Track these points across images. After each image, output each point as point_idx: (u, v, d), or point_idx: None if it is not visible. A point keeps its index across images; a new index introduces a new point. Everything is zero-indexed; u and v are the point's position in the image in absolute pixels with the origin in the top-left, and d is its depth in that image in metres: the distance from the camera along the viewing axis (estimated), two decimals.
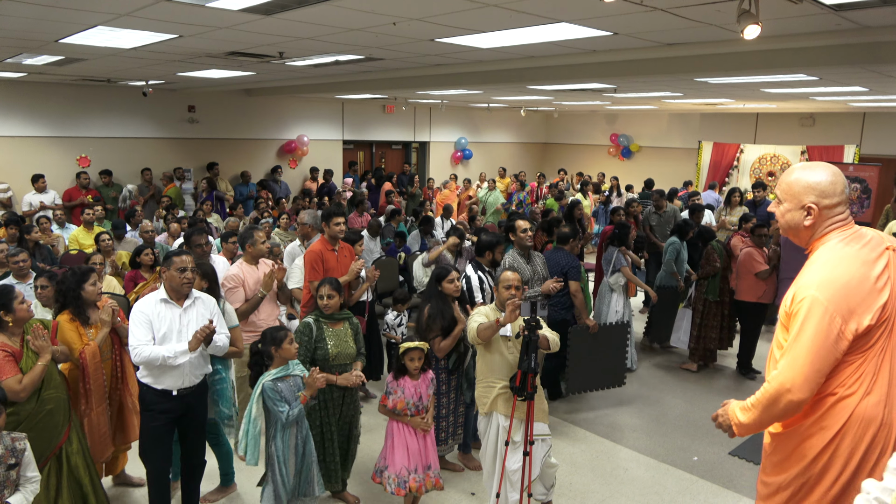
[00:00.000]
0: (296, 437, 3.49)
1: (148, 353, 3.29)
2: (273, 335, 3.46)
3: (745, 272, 6.12)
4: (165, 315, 3.42)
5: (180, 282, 3.44)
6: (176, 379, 3.43)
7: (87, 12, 4.51)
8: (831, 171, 2.09)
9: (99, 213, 8.06)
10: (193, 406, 3.57)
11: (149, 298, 3.46)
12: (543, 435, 3.63)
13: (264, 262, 4.72)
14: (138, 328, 3.34)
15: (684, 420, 5.47)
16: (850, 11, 3.95)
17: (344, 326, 3.91)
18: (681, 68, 5.85)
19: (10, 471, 2.67)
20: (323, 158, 13.36)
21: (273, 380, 3.41)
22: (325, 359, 3.77)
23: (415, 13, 4.40)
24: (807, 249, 2.19)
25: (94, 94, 10.60)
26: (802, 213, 2.10)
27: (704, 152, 14.30)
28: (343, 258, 5.07)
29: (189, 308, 3.51)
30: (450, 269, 4.19)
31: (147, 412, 3.48)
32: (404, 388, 3.71)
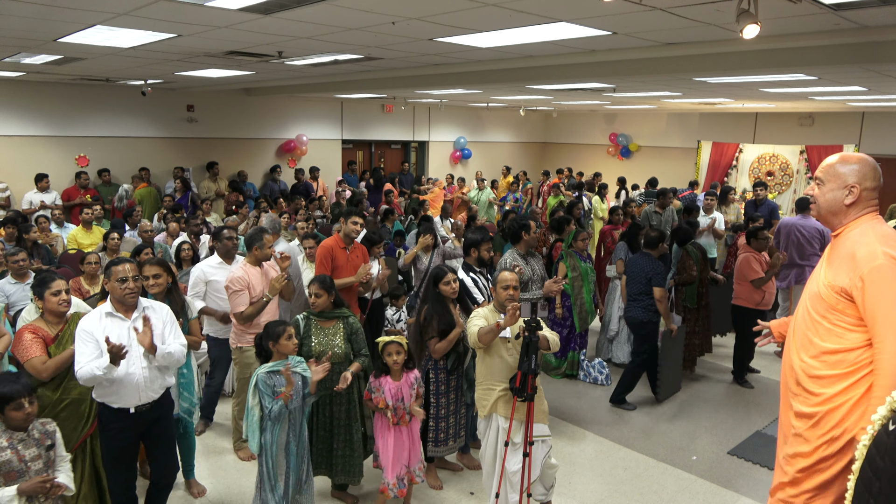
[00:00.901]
0: (287, 434, 3.44)
1: (85, 371, 3.04)
2: (271, 330, 3.46)
3: (742, 278, 6.00)
4: (113, 330, 3.17)
5: (122, 293, 3.20)
6: (131, 396, 3.21)
7: (86, 11, 4.50)
8: (870, 160, 2.29)
9: (98, 213, 8.06)
10: (156, 421, 3.37)
11: (94, 314, 3.24)
12: (543, 436, 3.62)
13: (271, 266, 4.70)
14: (82, 347, 3.10)
15: (683, 420, 5.47)
16: (849, 11, 3.95)
17: (335, 326, 3.87)
18: (680, 68, 5.84)
19: (50, 451, 2.82)
20: (322, 158, 13.35)
21: (268, 372, 3.40)
22: (309, 355, 3.75)
23: (414, 12, 4.40)
24: (836, 232, 2.31)
25: (92, 94, 10.59)
26: (844, 192, 2.25)
27: (703, 152, 14.31)
28: (354, 258, 5.08)
29: (138, 319, 3.29)
30: (446, 271, 4.17)
31: (105, 432, 3.28)
32: (385, 388, 3.68)
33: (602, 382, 6.16)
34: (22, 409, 2.69)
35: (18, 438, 2.72)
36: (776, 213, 8.75)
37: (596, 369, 6.22)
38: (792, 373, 2.34)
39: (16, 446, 2.71)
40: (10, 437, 2.71)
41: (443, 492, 4.25)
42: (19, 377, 2.80)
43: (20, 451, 2.71)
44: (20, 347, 3.25)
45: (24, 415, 2.70)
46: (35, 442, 2.77)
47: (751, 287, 5.95)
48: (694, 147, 14.54)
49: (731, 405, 5.79)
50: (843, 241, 2.27)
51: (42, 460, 2.77)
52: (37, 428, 2.80)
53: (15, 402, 2.67)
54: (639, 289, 5.55)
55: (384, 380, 3.73)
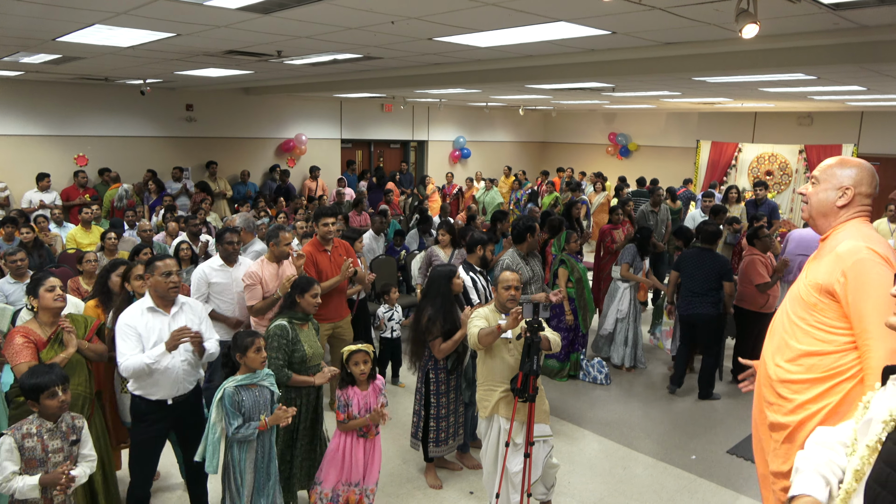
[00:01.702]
0: (256, 451, 3.25)
1: (131, 363, 3.19)
2: (239, 341, 3.24)
3: (746, 280, 5.92)
4: (153, 325, 3.30)
5: (166, 287, 3.32)
6: (170, 388, 3.35)
7: (85, 11, 4.50)
8: (870, 166, 2.26)
9: (97, 213, 8.05)
10: (189, 412, 3.50)
11: (134, 309, 3.35)
12: (545, 436, 3.62)
13: (289, 264, 4.70)
14: (124, 341, 3.23)
15: (682, 419, 5.47)
16: (848, 11, 3.95)
17: (309, 328, 3.84)
18: (679, 67, 5.85)
19: (73, 446, 2.86)
20: (321, 157, 13.35)
21: (236, 387, 3.18)
22: (303, 360, 3.67)
23: (413, 12, 4.39)
24: (824, 236, 2.27)
25: (91, 93, 10.58)
26: (838, 193, 2.22)
27: (703, 151, 14.32)
28: (337, 257, 5.04)
29: (177, 315, 3.41)
30: (455, 268, 4.19)
31: (140, 423, 3.38)
32: (351, 401, 3.55)
33: (601, 382, 6.16)
34: (56, 398, 2.75)
35: (46, 428, 2.78)
36: (776, 212, 8.75)
37: (595, 368, 6.22)
38: (767, 380, 2.26)
39: (42, 435, 2.76)
40: (41, 425, 2.77)
41: (442, 491, 4.25)
42: (52, 367, 2.86)
43: (45, 441, 2.76)
44: (10, 351, 3.23)
45: (58, 402, 2.76)
46: (61, 435, 2.82)
47: (755, 289, 5.86)
48: (693, 146, 14.55)
49: (731, 404, 5.79)
50: (828, 243, 2.22)
51: (63, 453, 2.82)
52: (65, 421, 2.85)
53: (49, 391, 2.73)
54: (709, 285, 5.67)
55: (352, 391, 3.58)
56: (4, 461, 2.66)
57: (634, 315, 6.46)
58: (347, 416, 3.55)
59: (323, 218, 4.96)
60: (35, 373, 2.78)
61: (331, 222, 4.98)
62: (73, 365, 3.32)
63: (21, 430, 2.74)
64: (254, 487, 3.27)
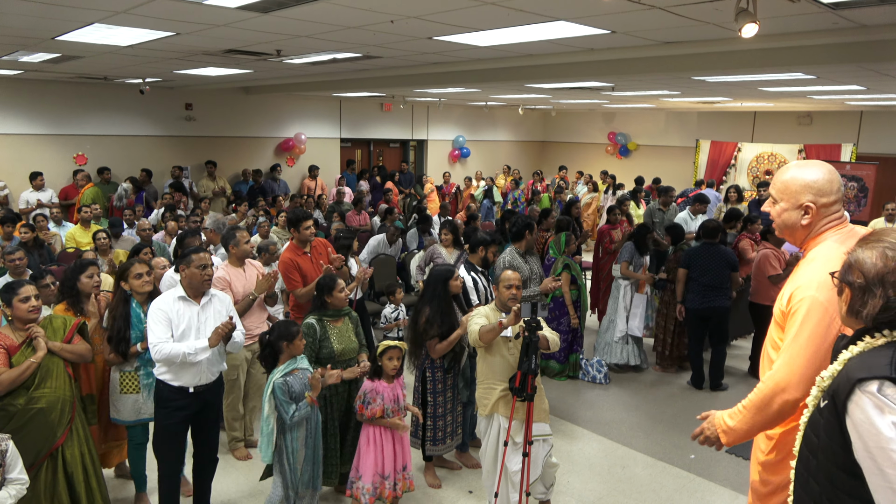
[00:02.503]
0: (305, 429, 3.47)
1: (168, 350, 3.31)
2: (285, 330, 3.45)
3: (760, 274, 5.95)
4: (184, 313, 3.45)
5: (201, 279, 3.47)
6: (194, 376, 3.45)
7: (84, 10, 4.50)
8: (827, 168, 2.08)
9: (96, 212, 8.04)
10: (209, 402, 3.58)
11: (167, 296, 3.50)
12: (544, 435, 3.62)
13: (251, 264, 4.65)
14: (157, 325, 3.36)
15: (681, 418, 5.47)
16: (847, 10, 3.95)
17: (345, 322, 3.93)
18: (678, 67, 5.85)
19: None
20: (321, 156, 13.35)
21: (283, 376, 3.39)
22: (331, 357, 3.78)
23: (412, 11, 4.39)
24: (801, 248, 2.18)
25: (90, 92, 10.57)
26: (800, 212, 2.08)
27: (702, 151, 14.32)
28: (317, 256, 5.01)
29: (206, 305, 3.54)
30: (453, 270, 4.18)
31: (163, 409, 3.47)
32: (383, 394, 3.63)
33: (601, 381, 6.16)
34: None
35: None
36: None
37: (595, 368, 6.22)
38: None
39: None
40: None
41: (441, 490, 4.25)
42: None
43: None
44: None
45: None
46: None
47: (769, 284, 5.89)
48: (692, 146, 14.55)
49: (730, 403, 5.77)
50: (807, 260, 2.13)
51: None
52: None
53: None
54: (723, 277, 5.82)
55: (378, 384, 3.66)
56: None
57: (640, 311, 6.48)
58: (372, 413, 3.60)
59: (304, 222, 4.91)
60: None
61: (310, 225, 4.95)
62: (48, 369, 3.22)
63: None
64: (304, 461, 3.47)
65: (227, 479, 4.34)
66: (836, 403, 1.48)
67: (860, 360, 1.49)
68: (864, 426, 1.41)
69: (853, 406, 1.43)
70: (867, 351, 1.51)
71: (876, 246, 1.52)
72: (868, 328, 1.54)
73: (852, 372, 1.47)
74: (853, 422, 1.43)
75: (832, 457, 1.51)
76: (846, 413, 1.44)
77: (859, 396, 1.43)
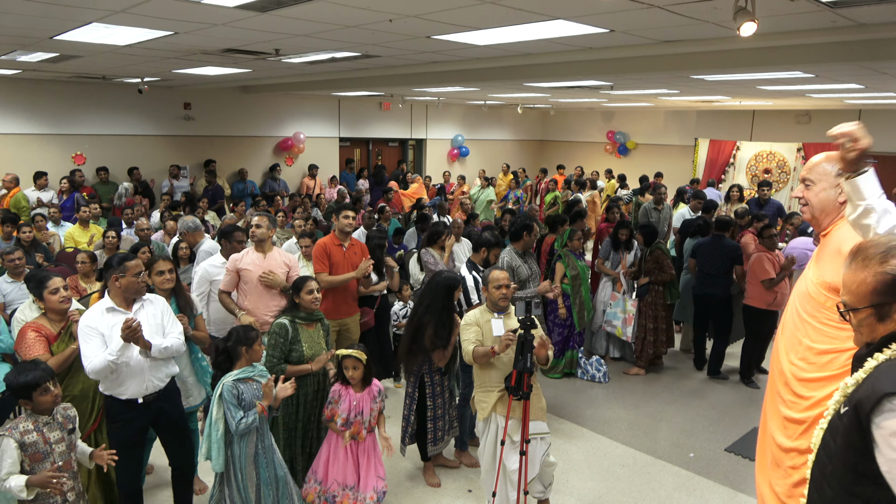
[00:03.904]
0: (256, 445, 3.26)
1: (96, 363, 3.13)
2: (244, 335, 3.31)
3: (754, 277, 5.93)
4: (116, 324, 3.21)
5: (137, 287, 3.32)
6: (138, 385, 3.29)
7: (82, 9, 4.49)
8: None
9: (95, 211, 8.04)
10: (165, 410, 3.43)
11: (94, 311, 3.29)
12: (542, 433, 3.62)
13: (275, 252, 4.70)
14: (88, 343, 3.18)
15: (680, 417, 5.48)
16: (846, 9, 3.95)
17: (317, 328, 3.86)
18: (677, 65, 5.85)
19: (72, 434, 2.94)
20: (319, 156, 13.34)
21: (234, 381, 3.23)
22: (301, 361, 3.71)
23: (411, 10, 4.39)
24: (825, 231, 2.27)
25: (89, 92, 10.55)
26: (837, 189, 2.22)
27: (701, 149, 14.32)
28: (352, 255, 5.06)
29: (139, 311, 3.36)
30: (459, 280, 4.16)
31: (114, 424, 3.34)
32: (345, 399, 3.56)
33: (600, 380, 6.17)
34: (49, 393, 2.80)
35: (44, 422, 2.82)
36: (783, 211, 8.60)
37: (594, 366, 6.23)
38: (781, 377, 2.26)
39: (41, 429, 2.81)
40: (36, 420, 2.81)
41: (441, 489, 4.26)
42: (38, 364, 2.89)
43: (45, 434, 2.81)
44: (23, 346, 3.34)
45: (51, 397, 2.81)
46: (59, 425, 2.87)
47: (763, 287, 5.87)
48: (691, 144, 14.55)
49: (729, 402, 5.80)
50: (831, 238, 2.22)
51: (65, 443, 2.87)
52: (59, 412, 2.90)
53: (42, 387, 2.78)
54: (722, 267, 6.14)
55: (345, 390, 3.59)
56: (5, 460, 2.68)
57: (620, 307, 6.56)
58: (332, 413, 3.57)
59: (344, 211, 5.08)
60: (21, 371, 2.80)
61: (351, 215, 5.07)
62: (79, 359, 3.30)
63: (18, 428, 2.76)
64: (258, 481, 3.26)
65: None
66: (858, 413, 1.47)
67: (886, 374, 1.48)
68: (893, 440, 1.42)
69: (881, 419, 1.43)
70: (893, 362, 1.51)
71: None
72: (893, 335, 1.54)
73: (879, 384, 1.46)
74: (881, 434, 1.43)
75: (849, 463, 1.51)
76: (871, 424, 1.44)
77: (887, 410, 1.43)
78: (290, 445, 3.78)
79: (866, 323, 1.60)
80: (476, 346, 3.54)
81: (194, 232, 5.98)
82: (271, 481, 3.31)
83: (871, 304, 1.56)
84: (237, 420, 3.13)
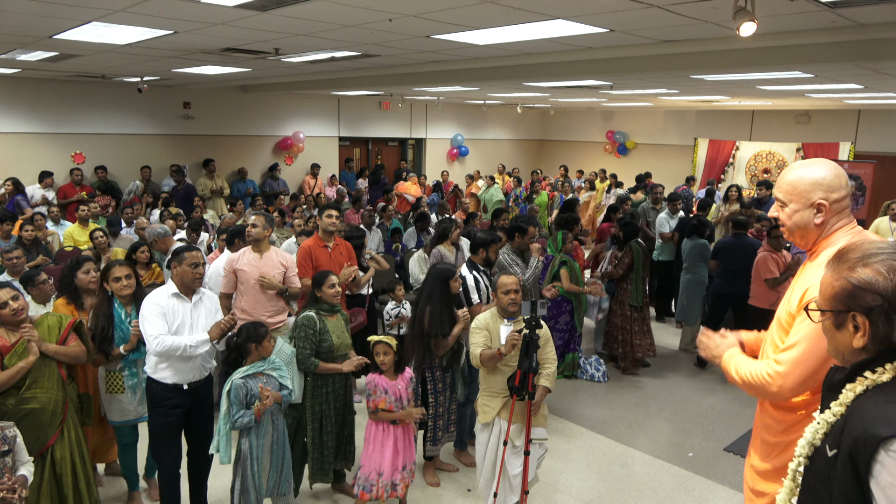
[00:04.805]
0: (271, 436, 3.45)
1: (170, 342, 3.33)
2: (254, 332, 3.42)
3: (758, 277, 5.94)
4: (178, 309, 3.50)
5: (193, 277, 3.52)
6: (187, 373, 3.48)
7: (82, 8, 4.49)
8: (831, 164, 2.03)
9: (94, 210, 8.03)
10: (202, 399, 3.62)
11: (160, 292, 3.53)
12: (541, 439, 3.63)
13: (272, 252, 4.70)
14: (155, 318, 3.39)
15: (679, 416, 5.49)
16: (845, 9, 3.96)
17: (338, 319, 3.97)
18: (677, 65, 5.85)
19: (5, 457, 2.74)
20: (319, 155, 13.34)
21: (243, 377, 3.35)
22: (330, 350, 3.82)
23: (411, 10, 4.39)
24: (810, 251, 2.09)
25: (88, 91, 10.54)
26: (812, 211, 2.00)
27: (700, 149, 14.32)
28: (337, 255, 5.04)
29: (198, 302, 3.59)
30: (454, 270, 4.17)
31: (158, 409, 3.48)
32: (385, 389, 3.65)
33: (599, 380, 6.17)
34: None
35: None
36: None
37: (593, 366, 6.23)
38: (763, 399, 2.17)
39: None
40: None
41: (440, 489, 4.26)
42: None
43: None
44: None
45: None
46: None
47: (767, 287, 5.86)
48: (691, 144, 14.55)
49: (727, 402, 5.80)
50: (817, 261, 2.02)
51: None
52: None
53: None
54: (748, 263, 6.11)
55: (379, 379, 3.68)
56: None
57: None
58: (374, 405, 3.64)
59: (327, 210, 5.12)
60: None
61: (335, 215, 5.09)
62: (40, 370, 3.18)
63: None
64: (269, 468, 3.45)
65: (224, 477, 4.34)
66: (854, 462, 1.38)
67: (877, 412, 1.38)
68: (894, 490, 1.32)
69: (879, 468, 1.33)
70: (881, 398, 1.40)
71: (870, 263, 1.43)
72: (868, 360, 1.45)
73: (872, 428, 1.36)
74: (880, 485, 1.33)
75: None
76: (870, 475, 1.35)
77: (885, 458, 1.33)
78: (319, 433, 3.89)
79: (826, 328, 1.52)
80: (484, 350, 3.54)
81: (164, 238, 5.83)
82: (277, 465, 3.50)
83: (830, 309, 1.49)
84: (234, 418, 3.27)
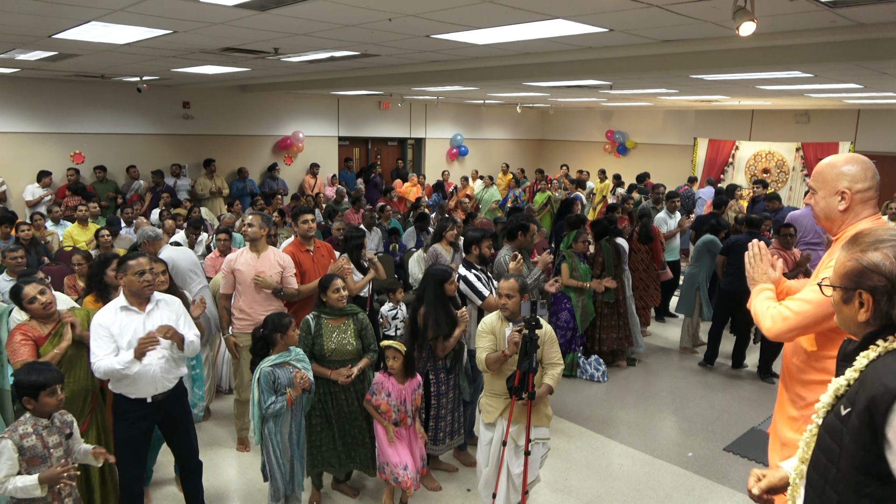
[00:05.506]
0: (290, 424, 3.55)
1: (104, 365, 3.14)
2: (278, 322, 3.51)
3: None
4: (128, 324, 3.25)
5: (140, 286, 3.27)
6: (148, 386, 3.30)
7: (81, 8, 4.48)
8: (861, 158, 2.22)
9: (94, 210, 8.03)
10: (172, 411, 3.45)
11: (108, 309, 3.31)
12: (543, 439, 3.62)
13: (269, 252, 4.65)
14: (98, 342, 3.19)
15: (679, 416, 5.49)
16: (845, 8, 3.96)
17: (346, 323, 3.87)
18: (676, 65, 5.85)
19: (69, 439, 2.93)
20: (318, 155, 13.34)
21: (271, 366, 3.46)
22: (322, 354, 3.80)
23: (410, 9, 4.39)
24: (836, 237, 2.27)
25: (88, 90, 10.54)
26: (836, 197, 2.20)
27: (700, 149, 14.34)
28: (320, 258, 4.99)
29: (152, 312, 3.35)
30: (450, 272, 4.15)
31: (122, 421, 3.35)
32: (390, 391, 3.72)
33: (599, 379, 6.18)
34: (55, 396, 2.80)
35: (43, 426, 2.82)
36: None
37: (592, 366, 6.23)
38: (790, 377, 2.33)
39: (41, 433, 2.80)
40: (35, 423, 2.80)
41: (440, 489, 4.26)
42: (49, 365, 2.90)
43: (44, 438, 2.80)
44: (10, 349, 3.32)
45: (56, 401, 2.81)
46: (57, 430, 2.87)
47: None
48: (690, 144, 14.56)
49: (727, 401, 5.81)
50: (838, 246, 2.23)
51: (62, 448, 2.87)
52: (57, 417, 2.90)
53: (50, 389, 2.78)
54: None
55: (386, 380, 3.76)
56: (4, 462, 2.67)
57: None
58: (376, 403, 3.77)
59: (302, 216, 4.92)
60: (33, 370, 2.80)
61: (310, 219, 4.93)
62: (72, 359, 3.37)
63: (17, 431, 2.76)
64: (292, 456, 3.57)
65: (223, 476, 4.34)
66: (872, 413, 1.47)
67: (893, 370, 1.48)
68: None
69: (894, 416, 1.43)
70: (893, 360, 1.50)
71: (880, 247, 1.56)
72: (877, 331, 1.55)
73: (890, 382, 1.46)
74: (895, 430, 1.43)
75: (859, 465, 1.50)
76: (886, 423, 1.44)
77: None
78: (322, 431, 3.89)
79: (835, 302, 1.66)
80: (489, 354, 3.54)
81: (154, 241, 5.77)
82: (297, 458, 3.62)
83: (840, 286, 1.63)
84: (267, 404, 3.41)
